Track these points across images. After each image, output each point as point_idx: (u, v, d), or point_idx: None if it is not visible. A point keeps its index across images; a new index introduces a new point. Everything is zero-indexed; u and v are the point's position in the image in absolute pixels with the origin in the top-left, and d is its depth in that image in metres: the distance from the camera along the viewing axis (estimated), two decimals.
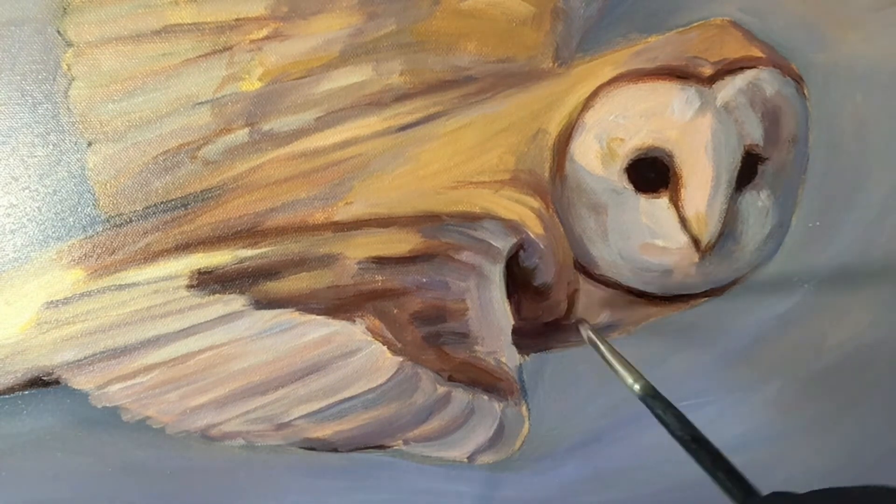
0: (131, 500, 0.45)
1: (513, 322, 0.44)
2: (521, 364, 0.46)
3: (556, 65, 0.42)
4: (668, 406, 0.34)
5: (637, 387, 0.37)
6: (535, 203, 0.43)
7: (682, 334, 0.49)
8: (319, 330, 0.42)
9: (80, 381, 0.41)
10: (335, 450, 0.46)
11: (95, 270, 0.40)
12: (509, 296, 0.44)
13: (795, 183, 0.46)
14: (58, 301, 0.40)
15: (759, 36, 0.43)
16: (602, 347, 0.41)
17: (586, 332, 0.43)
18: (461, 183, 0.42)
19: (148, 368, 0.42)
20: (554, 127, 0.42)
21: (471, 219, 0.42)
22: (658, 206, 0.42)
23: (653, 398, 0.35)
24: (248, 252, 0.41)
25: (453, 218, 0.42)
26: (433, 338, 0.44)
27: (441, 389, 0.45)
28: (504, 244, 0.43)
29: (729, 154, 0.41)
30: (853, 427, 0.52)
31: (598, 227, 0.43)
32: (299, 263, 0.42)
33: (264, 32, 0.39)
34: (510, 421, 0.47)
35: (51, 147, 0.38)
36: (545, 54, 0.41)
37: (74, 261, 0.40)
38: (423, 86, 0.40)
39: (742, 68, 0.42)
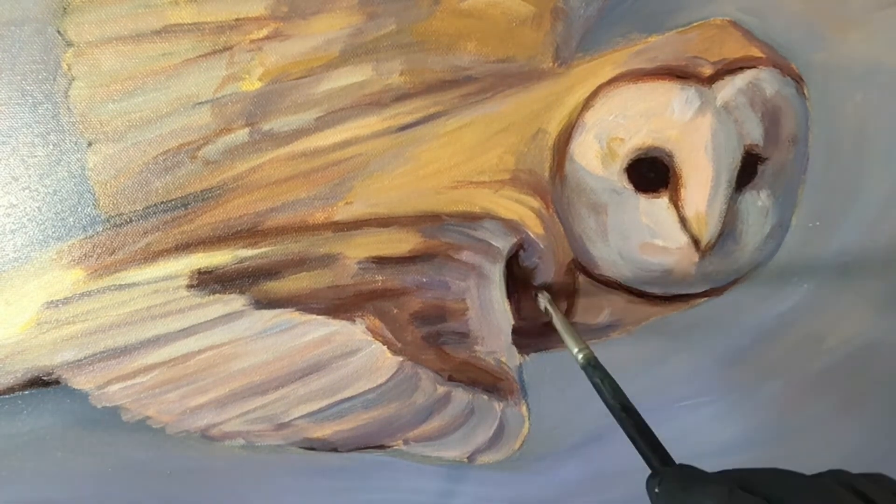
0: (131, 500, 0.45)
1: (513, 322, 0.44)
2: (521, 364, 0.46)
3: (556, 65, 0.42)
4: (606, 376, 0.37)
5: (580, 356, 0.39)
6: (535, 203, 0.43)
7: (682, 334, 0.48)
8: (319, 330, 0.42)
9: (80, 381, 0.41)
10: (335, 450, 0.46)
11: (95, 270, 0.40)
12: (509, 296, 0.44)
13: (795, 183, 0.46)
14: (58, 301, 0.40)
15: (759, 36, 0.43)
16: (555, 316, 0.43)
17: (543, 302, 0.44)
18: (461, 183, 0.42)
19: (148, 368, 0.42)
20: (554, 127, 0.42)
21: (471, 219, 0.42)
22: (658, 206, 0.42)
23: (593, 367, 0.38)
24: (248, 252, 0.41)
25: (453, 218, 0.42)
26: (433, 338, 0.44)
27: (441, 389, 0.45)
28: (504, 244, 0.43)
29: (729, 154, 0.41)
30: (853, 427, 0.52)
31: (598, 226, 0.43)
32: (299, 263, 0.42)
33: (264, 32, 0.39)
34: (510, 421, 0.47)
35: (51, 147, 0.38)
36: (545, 54, 0.41)
37: (74, 261, 0.40)
38: (423, 86, 0.40)
39: (742, 68, 0.42)
